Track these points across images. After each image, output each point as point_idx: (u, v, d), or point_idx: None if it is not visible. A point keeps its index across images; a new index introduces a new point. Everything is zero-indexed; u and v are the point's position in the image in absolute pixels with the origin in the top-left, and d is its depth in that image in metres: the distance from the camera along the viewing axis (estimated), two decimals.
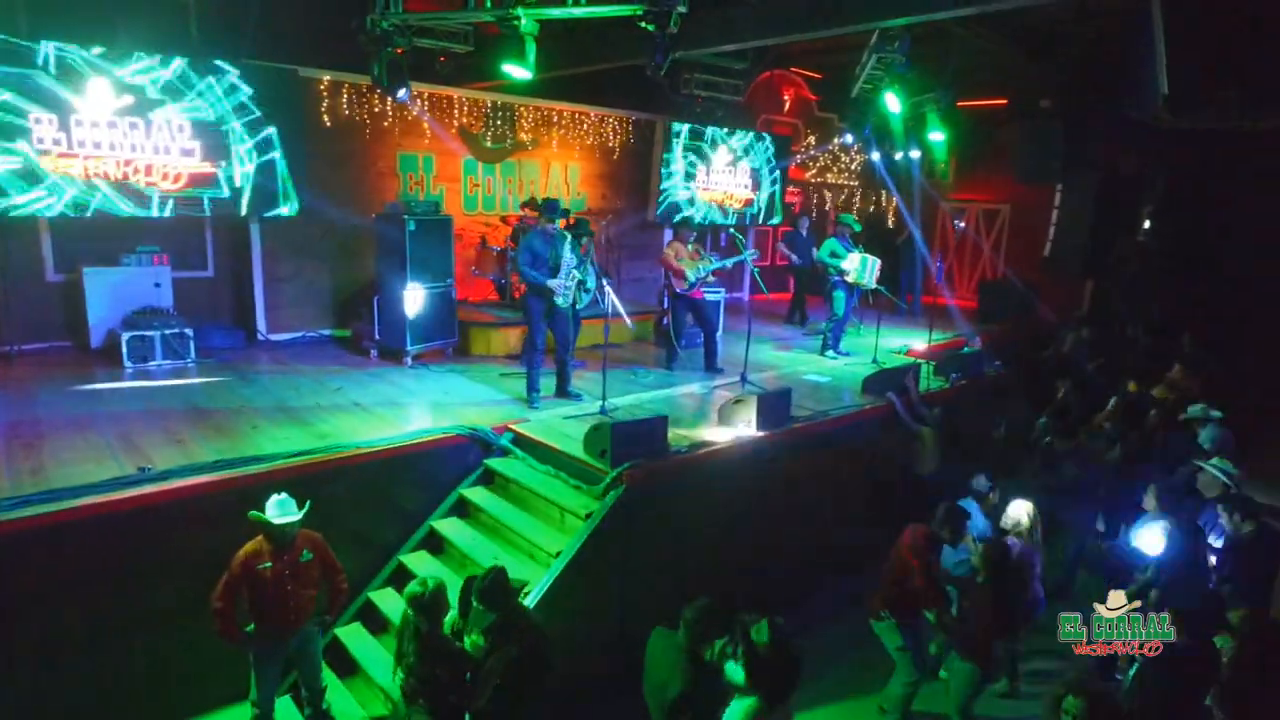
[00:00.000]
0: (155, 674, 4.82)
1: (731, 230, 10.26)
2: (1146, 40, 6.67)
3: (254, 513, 4.33)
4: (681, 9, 5.41)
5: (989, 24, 10.40)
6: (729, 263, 8.80)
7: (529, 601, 4.76)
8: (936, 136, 11.32)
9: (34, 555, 4.40)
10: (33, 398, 6.54)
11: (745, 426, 6.21)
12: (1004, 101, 14.50)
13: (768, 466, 6.17)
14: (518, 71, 6.02)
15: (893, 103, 8.86)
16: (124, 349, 7.60)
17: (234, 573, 4.33)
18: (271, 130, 8.38)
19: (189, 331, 7.95)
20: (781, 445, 6.34)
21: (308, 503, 4.42)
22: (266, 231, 9.04)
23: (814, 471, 6.63)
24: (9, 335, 7.77)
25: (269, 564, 4.35)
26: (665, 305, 10.47)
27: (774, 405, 6.38)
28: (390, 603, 5.44)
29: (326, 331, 9.58)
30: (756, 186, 13.45)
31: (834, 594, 6.43)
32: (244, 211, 8.47)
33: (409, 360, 8.23)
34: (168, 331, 7.82)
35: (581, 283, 6.86)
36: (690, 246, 8.16)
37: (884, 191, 16.04)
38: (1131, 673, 4.47)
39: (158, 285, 8.29)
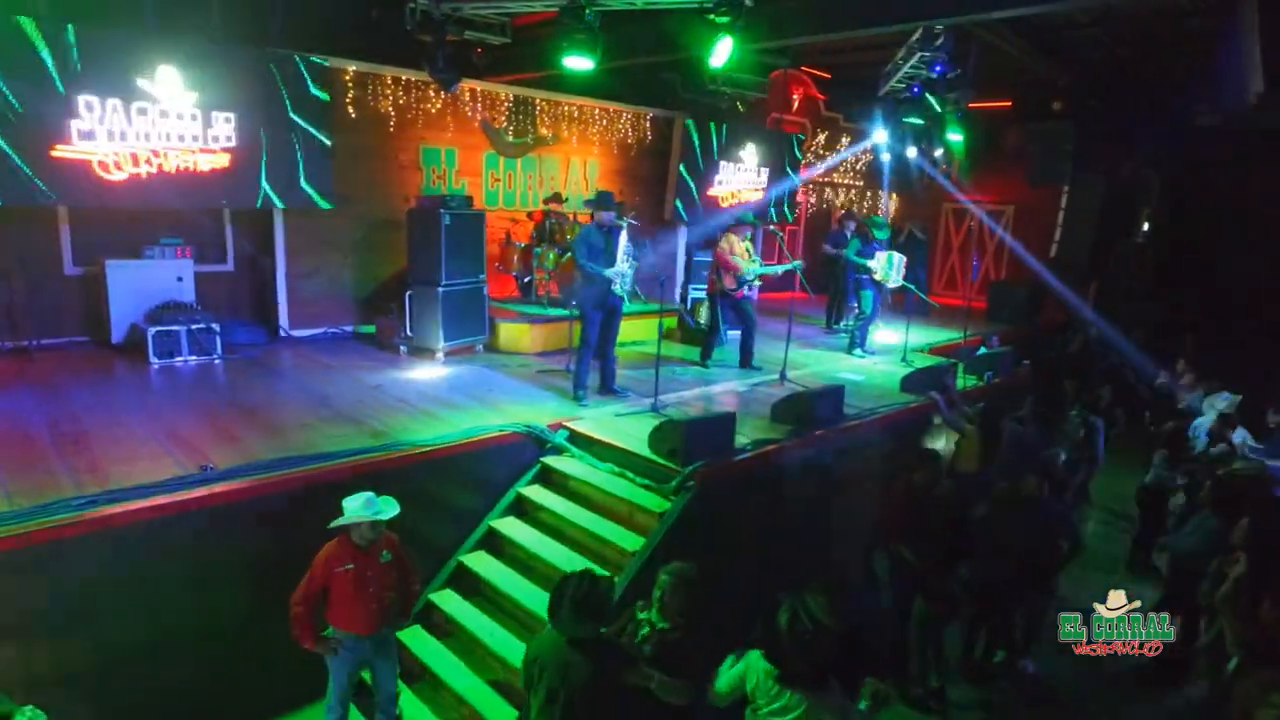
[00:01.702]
0: (220, 678, 4.65)
1: (773, 229, 10.20)
2: (1230, 41, 6.72)
3: (338, 521, 4.18)
4: (749, 1, 5.34)
5: (1009, 24, 10.49)
6: (779, 269, 8.73)
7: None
8: (955, 137, 11.37)
9: (99, 558, 4.22)
10: (64, 394, 6.31)
11: (801, 424, 6.16)
12: (1009, 103, 14.64)
13: (826, 465, 6.14)
14: (580, 63, 5.92)
15: (928, 102, 8.87)
16: (150, 344, 7.37)
17: (315, 575, 4.19)
18: (300, 121, 8.17)
19: (215, 327, 7.74)
20: (836, 444, 6.31)
21: (396, 503, 4.29)
22: (290, 224, 8.84)
23: (866, 471, 6.61)
24: (27, 329, 7.51)
25: (350, 565, 4.22)
26: (688, 303, 10.49)
27: (828, 403, 6.35)
28: (451, 604, 5.32)
29: (349, 328, 9.38)
30: (771, 186, 13.43)
31: None
32: (271, 204, 8.25)
33: (441, 356, 8.08)
34: (194, 327, 7.61)
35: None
36: (745, 244, 8.10)
37: (887, 191, 16.10)
38: None
39: (180, 279, 8.07)
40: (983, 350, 10.75)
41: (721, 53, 5.45)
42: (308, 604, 4.20)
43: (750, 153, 12.89)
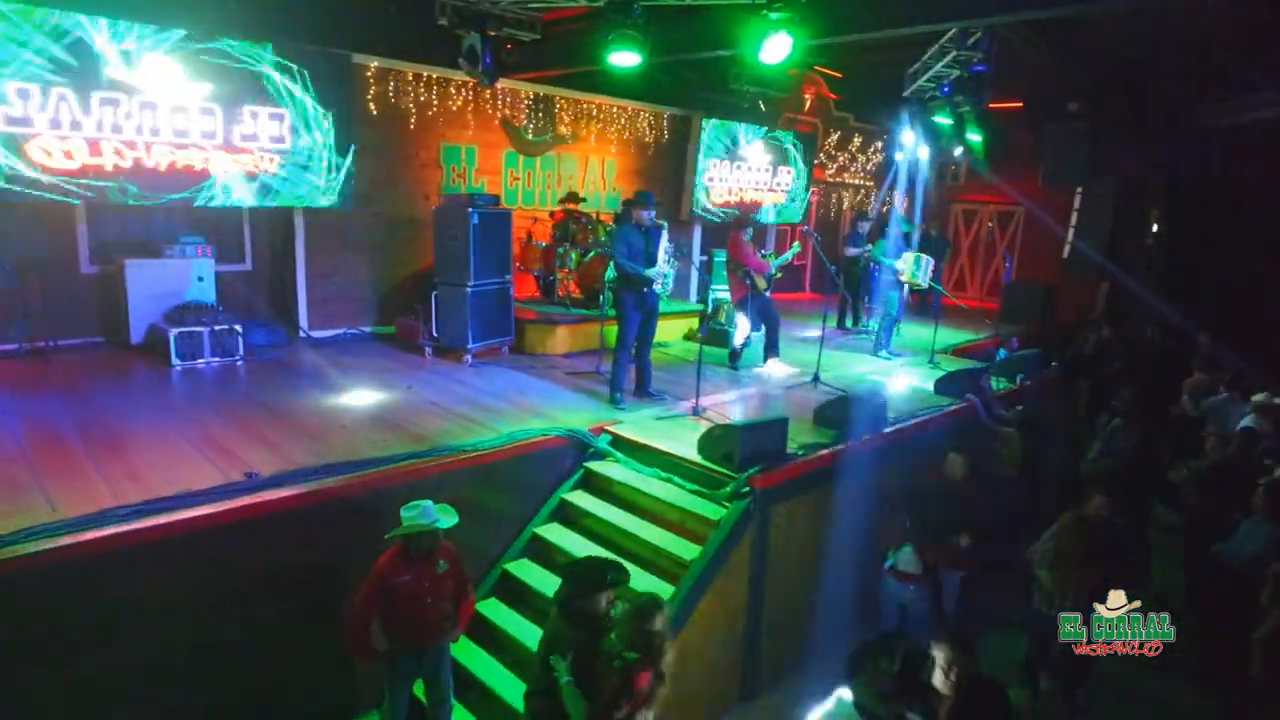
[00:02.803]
0: (269, 690, 4.50)
1: (806, 229, 10.09)
2: None
3: (398, 530, 4.04)
4: None
5: (1031, 24, 10.44)
6: (789, 256, 8.65)
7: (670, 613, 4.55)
8: (974, 137, 11.31)
9: (142, 569, 4.05)
10: (88, 397, 6.13)
11: (847, 427, 6.05)
12: (1020, 104, 14.60)
13: (873, 470, 6.02)
14: (626, 59, 5.78)
15: (957, 101, 8.80)
16: (172, 346, 7.19)
17: (372, 585, 4.06)
18: (328, 117, 8.01)
19: (238, 328, 7.56)
20: (881, 448, 6.20)
21: (454, 512, 4.16)
22: (310, 223, 8.66)
23: (909, 476, 6.50)
24: (43, 330, 7.31)
25: (407, 576, 4.08)
26: (709, 304, 10.37)
27: (873, 406, 6.24)
28: (499, 613, 5.19)
29: (367, 328, 9.22)
30: (789, 185, 13.35)
31: None
32: (298, 202, 8.08)
33: (469, 359, 7.93)
34: (217, 328, 7.43)
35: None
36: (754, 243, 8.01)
37: (898, 190, 16.02)
38: None
39: (201, 279, 7.89)
40: (1003, 352, 10.71)
41: (776, 49, 5.33)
42: (364, 615, 4.07)
43: (772, 152, 12.79)
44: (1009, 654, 5.37)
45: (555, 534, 5.53)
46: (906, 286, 9.57)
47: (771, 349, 8.33)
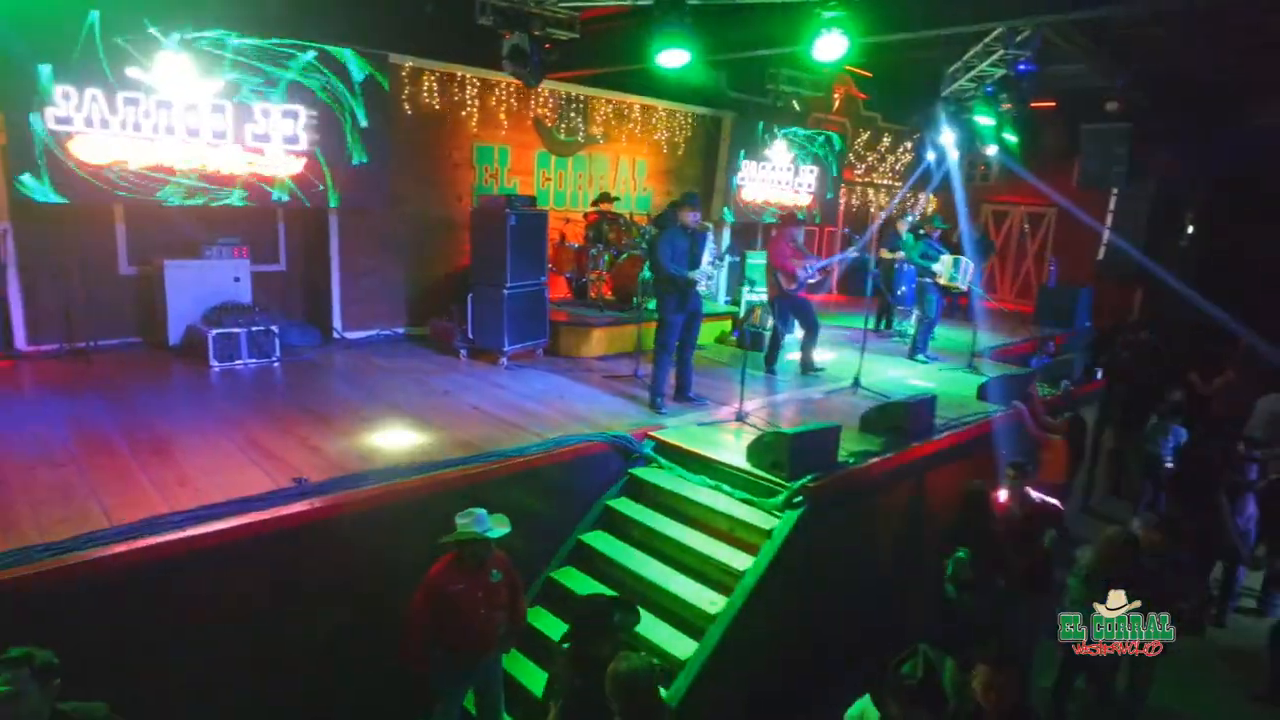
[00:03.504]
0: (316, 703, 4.46)
1: (846, 231, 9.95)
2: None
3: (452, 534, 3.98)
4: None
5: (1073, 22, 10.25)
6: (834, 260, 8.49)
7: (717, 628, 4.47)
8: (1010, 137, 11.13)
9: (196, 577, 4.01)
10: (130, 399, 6.12)
11: (895, 435, 5.94)
12: (1053, 103, 14.38)
13: (923, 478, 5.92)
14: (675, 58, 5.69)
15: (999, 100, 8.65)
16: (210, 347, 7.18)
17: (425, 593, 4.00)
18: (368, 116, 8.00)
19: (274, 329, 7.54)
20: (931, 455, 6.09)
21: (502, 516, 4.10)
22: (344, 224, 8.64)
23: (956, 485, 6.38)
24: (84, 331, 7.32)
25: (461, 585, 4.02)
26: (742, 307, 10.25)
27: (921, 413, 6.12)
28: (545, 622, 5.11)
29: (400, 329, 9.19)
30: (819, 186, 13.22)
31: None
32: (333, 202, 8.06)
33: (505, 361, 7.87)
34: (254, 329, 7.41)
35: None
36: (796, 243, 7.88)
37: (927, 192, 15.83)
38: None
39: (237, 279, 7.88)
40: (1037, 357, 10.54)
41: (829, 48, 5.23)
42: (417, 624, 4.01)
43: (801, 153, 12.65)
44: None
45: (601, 541, 5.45)
46: (943, 289, 9.42)
47: (804, 356, 8.20)
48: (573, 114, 10.19)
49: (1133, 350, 12.43)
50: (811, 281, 8.20)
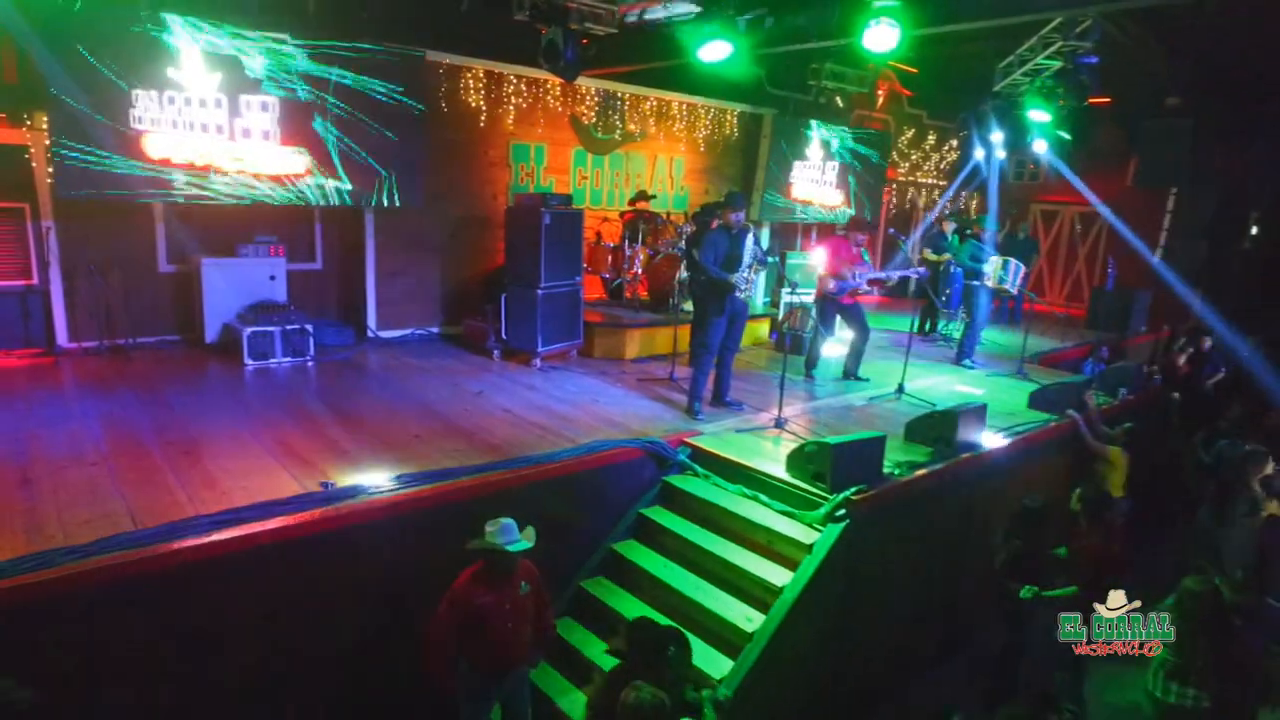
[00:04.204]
0: (342, 711, 4.36)
1: (892, 231, 9.63)
2: None
3: (478, 541, 3.85)
4: None
5: (1130, 14, 9.79)
6: (892, 275, 8.11)
7: (754, 647, 4.26)
8: (1064, 134, 10.70)
9: (221, 581, 3.93)
10: (165, 398, 6.12)
11: (943, 445, 5.65)
12: (1108, 100, 13.82)
13: (973, 493, 5.64)
14: (718, 50, 5.49)
15: (1056, 96, 8.27)
16: (245, 346, 7.17)
17: (450, 605, 3.85)
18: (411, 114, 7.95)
19: (309, 328, 7.51)
20: (981, 468, 5.80)
21: (532, 530, 3.94)
22: (379, 223, 8.59)
23: (1008, 500, 6.07)
24: (124, 329, 7.37)
25: (488, 597, 3.87)
26: (781, 309, 9.99)
27: (971, 422, 5.83)
28: (575, 634, 4.96)
29: (435, 329, 9.12)
30: (861, 185, 12.88)
31: None
32: (377, 201, 8.02)
33: (538, 362, 7.74)
34: (288, 328, 7.38)
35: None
36: (859, 248, 7.58)
37: (976, 190, 15.36)
38: None
39: (273, 278, 7.87)
40: (1090, 363, 10.09)
41: (880, 39, 4.98)
42: (442, 637, 3.87)
43: (843, 151, 12.34)
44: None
45: (634, 552, 5.27)
46: (992, 292, 9.05)
47: (849, 362, 7.92)
48: (610, 111, 10.04)
49: (1193, 359, 11.90)
50: (862, 290, 7.87)
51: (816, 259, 7.62)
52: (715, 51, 5.61)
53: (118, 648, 3.63)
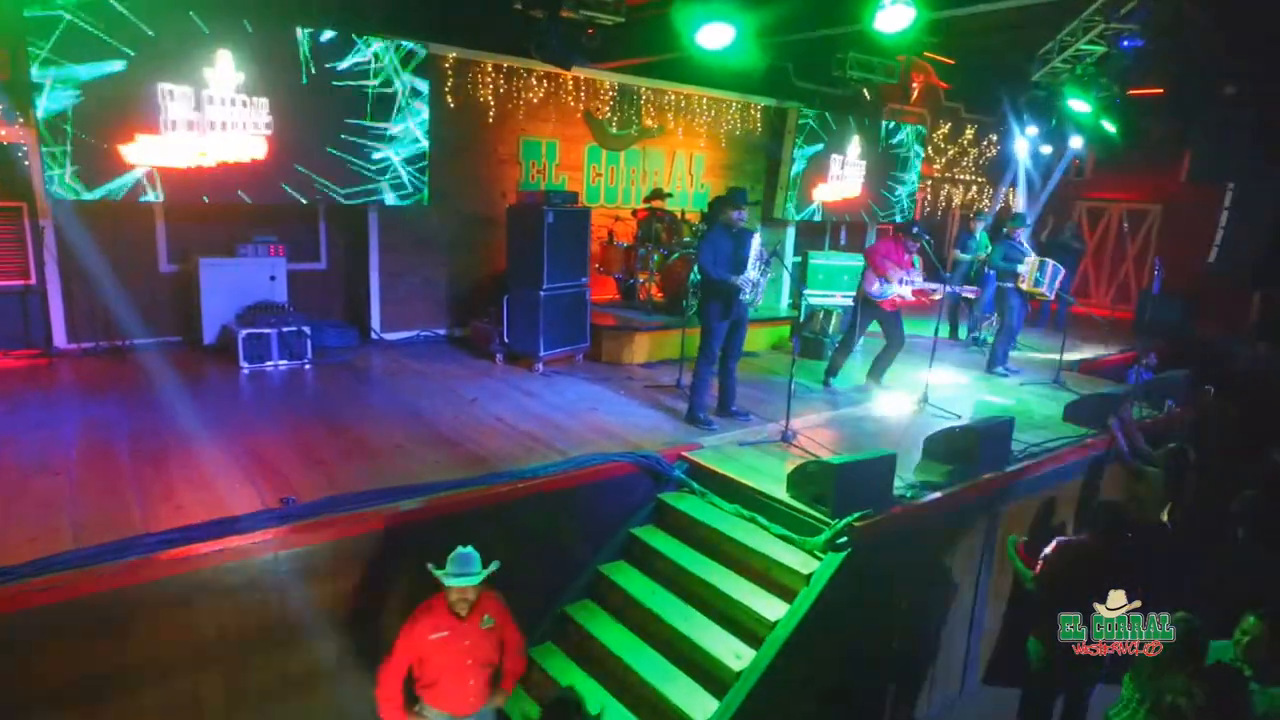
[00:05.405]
0: None
1: (917, 229, 9.09)
2: None
3: (433, 566, 3.55)
4: None
5: None
6: (938, 289, 7.48)
7: (737, 691, 3.88)
8: (1109, 126, 10.04)
9: (167, 611, 3.68)
10: (151, 401, 5.95)
11: (965, 464, 5.18)
12: (1160, 90, 13.00)
13: (996, 519, 5.17)
14: (719, 34, 5.11)
15: (1100, 84, 7.68)
16: (240, 348, 6.99)
17: (404, 644, 3.57)
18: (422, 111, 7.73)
19: (307, 330, 7.31)
20: (1007, 489, 5.32)
21: (494, 563, 3.62)
22: (385, 222, 8.37)
23: (1035, 526, 5.58)
24: (123, 330, 7.26)
25: (445, 633, 3.57)
26: (803, 311, 9.52)
27: (995, 439, 5.35)
28: (555, 663, 4.63)
29: (441, 331, 8.88)
30: (896, 182, 12.32)
31: None
32: (389, 200, 7.81)
33: (540, 367, 7.44)
34: (285, 330, 7.19)
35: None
36: (912, 255, 7.09)
37: (1016, 187, 14.63)
38: None
39: (273, 278, 7.69)
40: (1140, 371, 9.43)
41: (893, 20, 4.55)
42: (395, 678, 3.59)
43: (876, 146, 11.79)
44: None
45: (622, 575, 4.92)
46: (1027, 296, 8.47)
47: (875, 370, 7.45)
48: (625, 106, 9.69)
49: (1252, 365, 11.11)
50: (907, 297, 7.35)
51: (872, 258, 7.12)
52: (715, 36, 5.21)
53: (48, 682, 3.40)
